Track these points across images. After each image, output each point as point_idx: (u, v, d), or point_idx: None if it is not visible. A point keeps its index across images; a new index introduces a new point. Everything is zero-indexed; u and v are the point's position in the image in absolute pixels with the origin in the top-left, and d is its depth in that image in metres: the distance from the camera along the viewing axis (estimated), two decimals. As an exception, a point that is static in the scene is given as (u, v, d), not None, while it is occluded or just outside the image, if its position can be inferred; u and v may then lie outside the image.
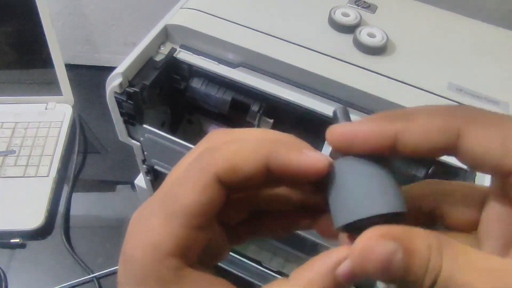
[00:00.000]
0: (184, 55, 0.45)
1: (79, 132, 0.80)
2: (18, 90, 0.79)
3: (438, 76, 0.42)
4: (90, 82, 0.87)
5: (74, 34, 0.86)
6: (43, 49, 0.74)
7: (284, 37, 0.43)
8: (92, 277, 0.64)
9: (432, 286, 0.16)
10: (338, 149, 0.19)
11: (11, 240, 0.65)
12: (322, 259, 0.19)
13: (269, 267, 0.57)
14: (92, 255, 0.66)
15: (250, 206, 0.23)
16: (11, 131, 0.76)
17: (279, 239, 0.59)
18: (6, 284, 0.63)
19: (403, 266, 0.16)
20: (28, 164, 0.72)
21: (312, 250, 0.56)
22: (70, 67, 0.79)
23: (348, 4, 0.48)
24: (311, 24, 0.45)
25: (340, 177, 0.19)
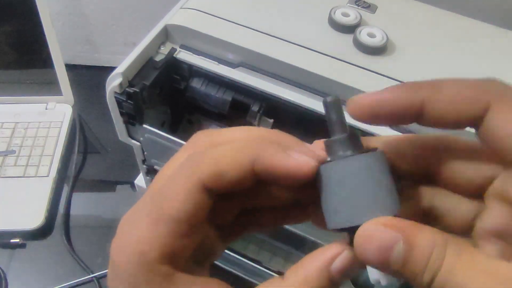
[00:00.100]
0: (184, 55, 0.45)
1: (79, 132, 0.80)
2: (18, 90, 0.79)
3: (438, 76, 0.42)
4: (90, 82, 0.87)
5: (74, 34, 0.86)
6: (43, 49, 0.74)
7: (284, 37, 0.43)
8: (92, 277, 0.64)
9: (430, 282, 0.16)
10: (361, 119, 0.19)
11: (11, 240, 0.65)
12: (317, 256, 0.19)
13: (268, 267, 0.57)
14: (92, 255, 0.66)
15: (240, 206, 0.22)
16: (11, 131, 0.76)
17: (279, 239, 0.59)
18: (6, 284, 0.63)
19: (403, 257, 0.16)
20: (28, 164, 0.72)
21: (312, 250, 0.56)
22: (70, 67, 0.79)
23: (348, 4, 0.48)
24: (311, 24, 0.45)
25: (330, 179, 0.19)
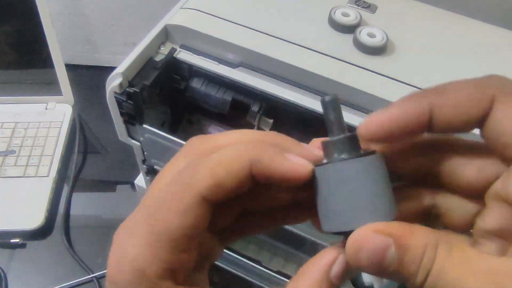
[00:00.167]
0: (184, 55, 0.45)
1: (79, 132, 0.80)
2: (18, 90, 0.79)
3: (438, 76, 0.42)
4: (90, 82, 0.87)
5: (74, 34, 0.86)
6: (43, 49, 0.74)
7: (284, 37, 0.43)
8: (92, 277, 0.64)
9: (424, 282, 0.16)
10: (376, 141, 0.19)
11: (11, 240, 0.65)
12: (315, 264, 0.19)
13: (268, 267, 0.57)
14: (92, 255, 0.66)
15: (240, 209, 0.22)
16: (11, 131, 0.76)
17: (279, 239, 0.59)
18: (6, 284, 0.63)
19: (397, 260, 0.16)
20: (28, 164, 0.72)
21: (312, 250, 0.56)
22: (70, 67, 0.79)
23: (348, 4, 0.48)
24: (311, 24, 0.45)
25: (325, 182, 0.19)
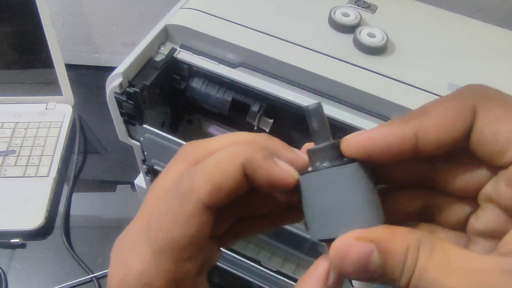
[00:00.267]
0: (184, 55, 0.45)
1: (79, 132, 0.80)
2: (18, 90, 0.79)
3: (438, 76, 0.42)
4: (90, 82, 0.87)
5: (74, 34, 0.86)
6: (43, 49, 0.74)
7: (284, 37, 0.43)
8: (92, 277, 0.64)
9: (408, 284, 0.16)
10: (356, 158, 0.18)
11: (11, 240, 0.65)
12: (311, 277, 0.19)
13: (268, 267, 0.57)
14: (92, 255, 0.66)
15: (238, 212, 0.22)
16: (11, 131, 0.76)
17: (278, 239, 0.59)
18: (6, 284, 0.63)
19: (381, 266, 0.16)
20: (28, 164, 0.72)
21: (311, 249, 0.56)
22: (70, 67, 0.79)
23: (348, 4, 0.48)
24: (311, 24, 0.45)
25: (308, 190, 0.19)
